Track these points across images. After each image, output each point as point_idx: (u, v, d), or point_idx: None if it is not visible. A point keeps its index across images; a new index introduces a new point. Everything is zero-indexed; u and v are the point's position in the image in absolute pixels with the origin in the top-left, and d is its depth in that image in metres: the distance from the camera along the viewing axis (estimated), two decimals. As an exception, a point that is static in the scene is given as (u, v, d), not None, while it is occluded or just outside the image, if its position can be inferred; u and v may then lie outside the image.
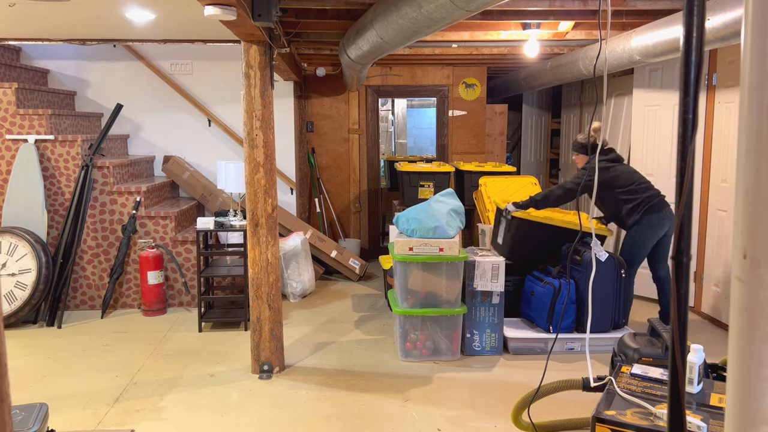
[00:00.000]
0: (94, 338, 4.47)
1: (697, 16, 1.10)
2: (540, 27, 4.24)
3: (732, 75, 4.52)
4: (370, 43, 3.54)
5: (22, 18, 4.02)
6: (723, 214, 4.65)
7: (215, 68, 5.93)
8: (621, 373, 2.37)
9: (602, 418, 2.01)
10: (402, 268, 4.00)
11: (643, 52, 3.89)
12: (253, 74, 3.59)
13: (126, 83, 5.87)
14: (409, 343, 4.02)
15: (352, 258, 6.09)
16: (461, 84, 6.90)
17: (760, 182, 0.73)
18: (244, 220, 4.59)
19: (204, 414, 3.29)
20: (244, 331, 4.62)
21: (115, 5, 3.64)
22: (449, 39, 4.75)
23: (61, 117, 5.12)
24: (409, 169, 5.62)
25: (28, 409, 2.26)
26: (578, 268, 4.12)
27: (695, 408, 2.09)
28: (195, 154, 6.00)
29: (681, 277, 1.12)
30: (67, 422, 3.18)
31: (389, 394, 3.52)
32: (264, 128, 3.64)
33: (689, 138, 1.08)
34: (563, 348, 4.11)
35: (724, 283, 4.65)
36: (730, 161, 4.55)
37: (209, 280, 5.00)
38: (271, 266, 3.77)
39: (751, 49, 0.74)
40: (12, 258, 4.65)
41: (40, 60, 5.78)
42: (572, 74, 5.27)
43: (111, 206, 5.06)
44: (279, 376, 3.80)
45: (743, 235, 0.75)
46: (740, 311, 0.76)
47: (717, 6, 3.02)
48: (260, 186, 3.68)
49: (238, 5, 2.74)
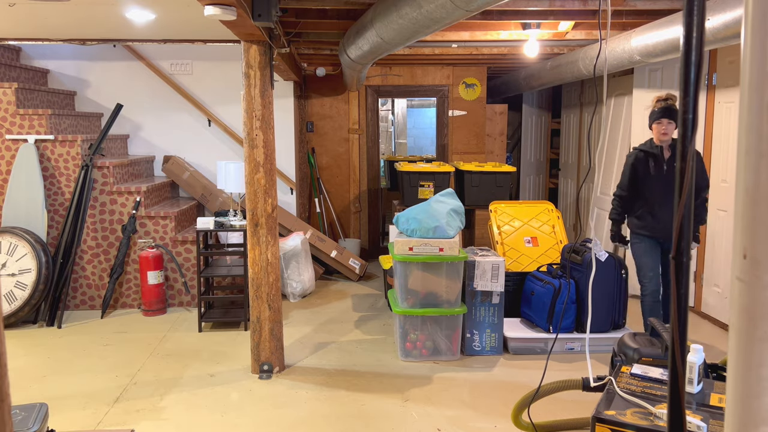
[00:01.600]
0: (94, 338, 4.47)
1: (697, 16, 1.10)
2: (540, 27, 4.24)
3: (732, 75, 4.52)
4: (370, 43, 3.54)
5: (22, 18, 4.02)
6: (723, 214, 4.65)
7: (215, 68, 5.93)
8: (621, 373, 2.37)
9: (602, 418, 2.01)
10: (402, 268, 4.00)
11: (643, 52, 3.89)
12: (253, 74, 3.59)
13: (126, 83, 5.86)
14: (409, 343, 4.02)
15: (352, 258, 6.09)
16: (461, 84, 6.90)
17: (760, 182, 0.73)
18: (244, 220, 4.59)
19: (204, 414, 3.29)
20: (244, 331, 4.62)
21: (115, 5, 3.64)
22: (449, 39, 4.75)
23: (61, 117, 5.12)
24: (409, 169, 5.62)
25: (28, 409, 2.26)
26: (578, 268, 4.12)
27: (695, 408, 2.09)
28: (195, 154, 6.00)
29: (681, 277, 1.12)
30: (67, 422, 3.18)
31: (389, 394, 3.52)
32: (264, 128, 3.64)
33: (689, 138, 1.08)
34: (563, 348, 4.11)
35: (724, 283, 4.65)
36: (730, 161, 4.55)
37: (209, 280, 5.00)
38: (271, 266, 3.77)
39: (751, 49, 0.74)
40: (12, 258, 4.65)
41: (40, 60, 5.78)
42: (572, 74, 5.27)
43: (111, 206, 5.06)
44: (279, 376, 3.80)
45: (743, 235, 0.75)
46: (740, 311, 0.76)
47: (717, 6, 3.02)
48: (260, 186, 3.68)
49: (238, 5, 2.74)
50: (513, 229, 4.81)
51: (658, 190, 3.85)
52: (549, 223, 4.85)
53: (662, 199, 3.84)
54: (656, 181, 3.85)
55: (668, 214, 3.82)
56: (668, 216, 3.81)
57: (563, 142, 7.56)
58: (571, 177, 7.23)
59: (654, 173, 3.85)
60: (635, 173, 3.91)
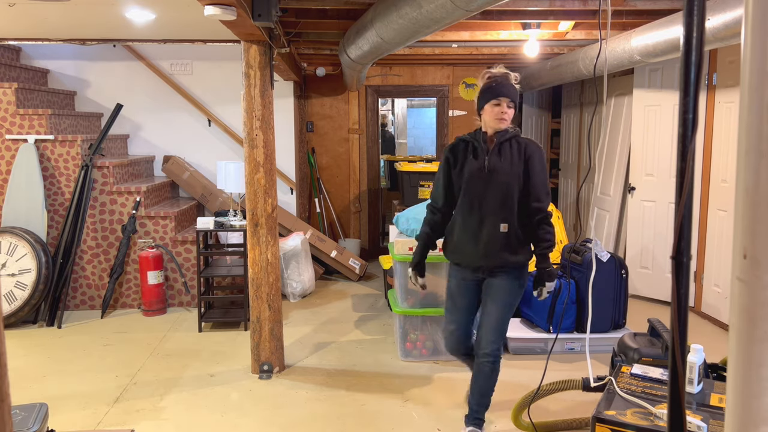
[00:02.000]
0: (94, 338, 4.47)
1: (697, 16, 1.10)
2: (540, 27, 4.24)
3: (732, 75, 4.52)
4: (370, 43, 3.54)
5: (22, 18, 4.02)
6: (723, 214, 4.64)
7: (215, 68, 5.93)
8: (621, 373, 2.37)
9: (602, 418, 2.01)
10: (402, 268, 4.00)
11: (643, 52, 3.89)
12: (253, 74, 3.59)
13: (126, 83, 5.86)
14: (409, 343, 4.02)
15: (352, 258, 6.09)
16: (461, 84, 6.90)
17: (760, 182, 0.73)
18: (244, 220, 4.59)
19: (204, 414, 3.29)
20: (244, 331, 4.62)
21: (115, 5, 3.64)
22: (449, 39, 4.75)
23: (61, 117, 5.12)
24: (409, 169, 5.63)
25: (28, 409, 2.26)
26: (578, 268, 4.12)
27: (695, 408, 2.09)
28: (195, 154, 6.00)
29: (681, 277, 1.12)
30: (67, 422, 3.18)
31: (389, 394, 3.52)
32: (264, 128, 3.64)
33: (689, 138, 1.08)
34: (563, 348, 4.10)
35: (724, 283, 4.65)
36: (730, 161, 4.55)
37: (209, 280, 5.00)
38: (271, 266, 3.77)
39: (751, 49, 0.74)
40: (12, 258, 4.65)
41: (40, 60, 5.78)
42: (572, 74, 5.27)
43: (111, 206, 5.06)
44: (279, 376, 3.80)
45: (743, 235, 0.75)
46: (740, 311, 0.76)
47: (717, 6, 3.02)
48: (260, 186, 3.68)
49: (238, 5, 2.74)
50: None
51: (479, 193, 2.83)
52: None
53: (478, 209, 2.80)
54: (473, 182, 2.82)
55: (480, 233, 2.78)
56: (481, 235, 2.77)
57: (563, 142, 7.55)
58: (571, 177, 7.23)
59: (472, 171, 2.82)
60: (448, 171, 2.90)
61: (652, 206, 5.28)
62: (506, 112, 2.75)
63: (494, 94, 2.75)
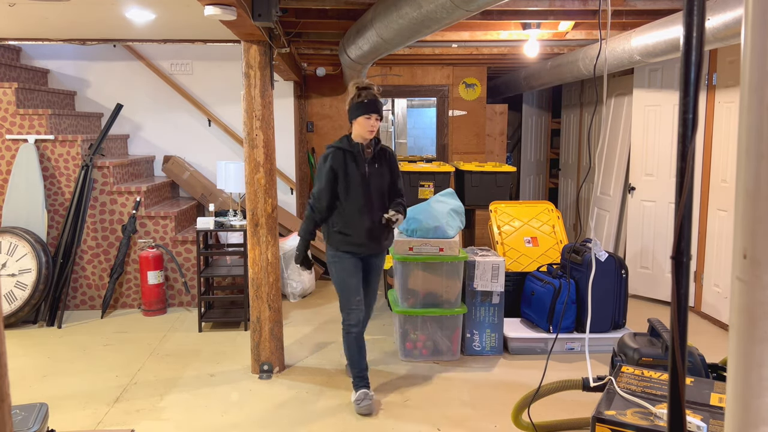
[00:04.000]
0: (94, 338, 4.47)
1: (697, 16, 1.10)
2: (540, 27, 4.24)
3: (732, 75, 4.52)
4: (370, 43, 3.54)
5: (22, 18, 4.02)
6: (723, 214, 4.65)
7: (215, 68, 5.93)
8: (621, 373, 2.37)
9: (602, 418, 2.01)
10: (402, 268, 4.00)
11: (643, 52, 3.89)
12: (253, 74, 3.59)
13: (126, 83, 5.87)
14: (409, 343, 4.02)
15: (352, 258, 6.08)
16: (461, 84, 6.90)
17: (760, 182, 0.73)
18: (244, 220, 4.59)
19: (204, 414, 3.29)
20: (244, 331, 4.62)
21: (115, 5, 3.64)
22: (449, 39, 4.75)
23: (61, 117, 5.12)
24: (409, 169, 5.62)
25: (28, 409, 2.26)
26: (578, 268, 4.12)
27: (695, 408, 2.09)
28: (195, 154, 6.00)
29: (681, 277, 1.12)
30: (67, 422, 3.18)
31: (389, 394, 3.52)
32: (264, 128, 3.64)
33: (689, 138, 1.09)
34: (563, 348, 4.11)
35: (724, 283, 4.66)
36: (730, 161, 4.55)
37: (209, 280, 5.00)
38: (271, 266, 3.77)
39: (751, 49, 0.74)
40: (12, 258, 4.65)
41: (40, 60, 5.78)
42: (572, 74, 5.27)
43: (111, 206, 5.06)
44: (279, 376, 3.80)
45: (743, 235, 0.75)
46: (740, 311, 0.76)
47: (717, 6, 3.02)
48: (260, 186, 3.68)
49: (238, 5, 2.74)
50: (513, 229, 4.81)
51: (361, 195, 3.31)
52: (549, 223, 4.85)
53: (364, 207, 3.30)
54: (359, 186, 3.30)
55: (369, 225, 3.30)
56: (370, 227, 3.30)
57: (563, 142, 7.56)
58: (571, 177, 7.23)
59: (356, 176, 3.30)
60: (334, 177, 3.30)
61: (652, 206, 5.28)
62: (375, 125, 3.35)
63: (367, 110, 3.33)
